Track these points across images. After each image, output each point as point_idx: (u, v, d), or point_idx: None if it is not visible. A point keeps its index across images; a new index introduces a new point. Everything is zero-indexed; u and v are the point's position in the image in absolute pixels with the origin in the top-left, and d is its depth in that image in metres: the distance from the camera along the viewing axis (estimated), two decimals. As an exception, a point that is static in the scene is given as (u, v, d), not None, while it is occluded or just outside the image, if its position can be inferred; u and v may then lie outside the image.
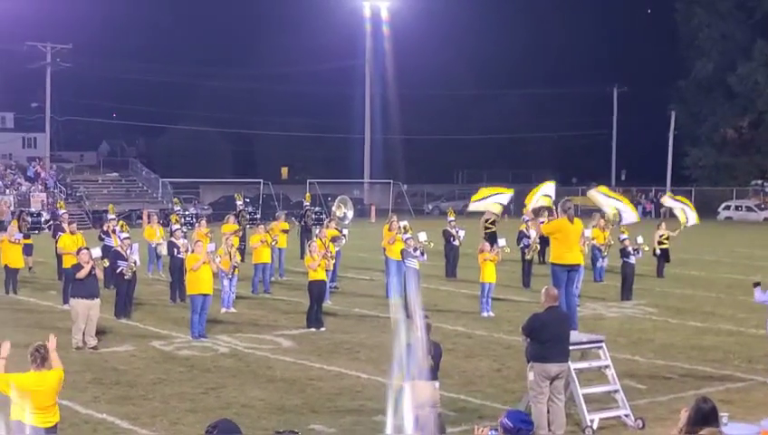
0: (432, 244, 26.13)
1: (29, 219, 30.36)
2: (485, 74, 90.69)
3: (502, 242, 25.98)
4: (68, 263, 22.59)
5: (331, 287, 25.63)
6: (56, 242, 27.35)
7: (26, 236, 29.06)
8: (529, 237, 28.49)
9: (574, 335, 14.17)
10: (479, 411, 14.62)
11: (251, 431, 13.24)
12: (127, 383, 16.55)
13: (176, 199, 41.57)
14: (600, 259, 30.37)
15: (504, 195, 21.14)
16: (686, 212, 24.28)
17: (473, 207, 20.75)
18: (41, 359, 10.68)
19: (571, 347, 13.50)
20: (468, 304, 25.36)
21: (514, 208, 39.94)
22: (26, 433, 10.45)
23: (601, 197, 22.18)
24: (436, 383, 12.65)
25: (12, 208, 53.15)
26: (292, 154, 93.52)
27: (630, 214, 19.12)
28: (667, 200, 25.87)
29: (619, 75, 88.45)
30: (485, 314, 23.66)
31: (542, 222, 23.53)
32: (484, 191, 22.24)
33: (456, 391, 15.68)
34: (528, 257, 28.45)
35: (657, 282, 30.76)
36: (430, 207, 76.32)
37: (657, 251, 31.79)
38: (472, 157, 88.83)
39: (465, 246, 31.32)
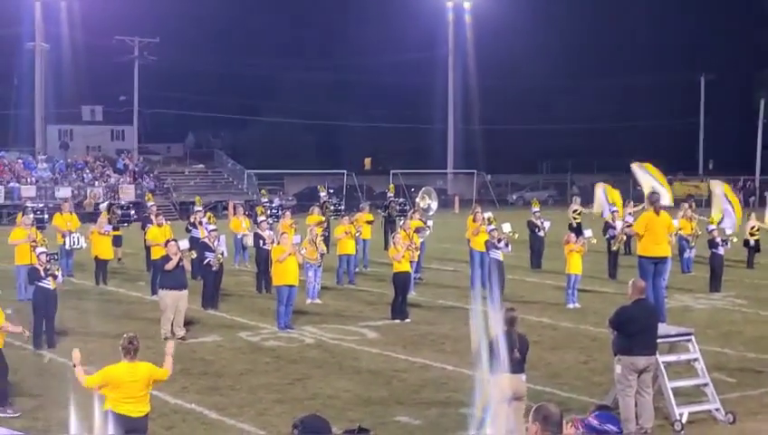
0: (517, 235, 25.95)
1: (119, 212, 30.76)
2: (570, 64, 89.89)
3: (588, 233, 25.71)
4: (156, 254, 22.94)
5: (415, 278, 25.64)
6: (145, 234, 27.78)
7: (116, 228, 29.55)
8: (615, 228, 28.18)
9: (662, 328, 13.98)
10: (565, 404, 14.47)
11: (337, 423, 13.27)
12: (214, 374, 16.75)
13: (263, 191, 41.86)
14: (688, 250, 29.94)
15: (662, 187, 21.01)
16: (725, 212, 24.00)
17: (636, 167, 20.60)
18: (133, 350, 10.87)
19: (659, 340, 13.33)
20: (554, 295, 25.17)
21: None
22: (118, 423, 10.65)
23: (641, 173, 21.97)
24: (523, 376, 12.58)
25: (101, 200, 54.13)
26: (376, 145, 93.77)
27: (665, 195, 18.95)
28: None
29: (706, 63, 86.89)
30: (571, 306, 23.46)
31: (629, 222, 23.25)
32: (654, 171, 22.09)
33: (542, 383, 15.56)
34: (614, 248, 28.12)
35: (747, 273, 30.21)
36: (514, 197, 75.87)
37: (752, 242, 31.23)
38: (556, 147, 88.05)
39: (550, 236, 31.07)
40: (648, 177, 20.19)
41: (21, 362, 17.20)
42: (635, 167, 20.24)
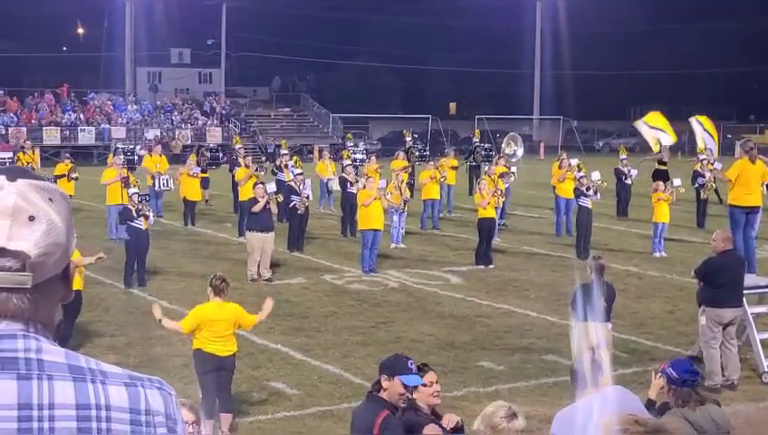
0: (605, 183, 25.68)
1: (208, 154, 31.12)
2: (658, 9, 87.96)
3: (677, 182, 25.34)
4: (244, 196, 23.20)
5: (500, 224, 25.58)
6: (233, 175, 28.10)
7: (203, 171, 29.92)
8: (704, 176, 27.72)
9: (752, 279, 13.81)
10: (650, 353, 14.43)
11: (420, 366, 13.41)
12: (300, 315, 16.97)
13: (348, 135, 41.97)
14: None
15: (668, 136, 20.78)
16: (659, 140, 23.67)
17: (638, 124, 20.39)
18: (223, 289, 11.04)
19: (749, 291, 13.17)
20: (640, 244, 24.92)
21: (688, 147, 38.90)
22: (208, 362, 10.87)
23: (644, 128, 21.73)
24: (609, 325, 12.54)
25: (189, 142, 54.82)
26: (461, 90, 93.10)
27: (668, 137, 18.97)
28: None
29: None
30: (658, 255, 23.22)
31: (716, 166, 22.89)
32: (657, 120, 21.82)
33: (627, 332, 15.50)
34: (704, 197, 27.68)
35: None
36: (601, 144, 74.91)
37: None
38: (644, 93, 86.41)
39: (637, 184, 30.69)
40: (651, 130, 20.12)
41: (113, 299, 17.65)
42: (638, 123, 20.11)
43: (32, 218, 1.84)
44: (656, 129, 22.44)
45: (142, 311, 16.72)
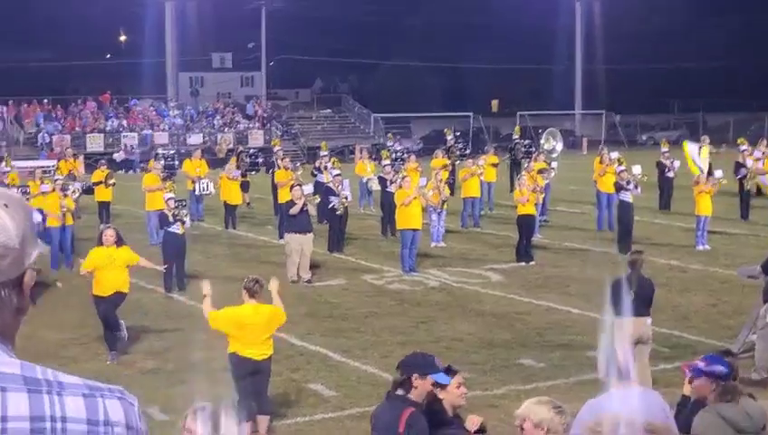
0: (646, 177, 25.40)
1: (247, 160, 31.17)
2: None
3: (718, 173, 25.03)
4: (283, 198, 23.22)
5: (540, 221, 25.42)
6: (272, 177, 28.15)
7: (244, 174, 29.97)
8: (746, 167, 27.37)
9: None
10: (693, 347, 14.24)
11: (460, 365, 13.26)
12: (339, 316, 16.95)
13: (389, 135, 41.93)
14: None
15: (704, 160, 21.08)
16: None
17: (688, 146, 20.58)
18: (254, 291, 11.01)
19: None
20: (683, 237, 24.63)
21: (733, 136, 38.46)
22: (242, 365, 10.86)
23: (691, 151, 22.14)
24: (648, 319, 12.38)
25: (231, 146, 55.04)
26: (503, 86, 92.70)
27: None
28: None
29: None
30: (701, 248, 22.94)
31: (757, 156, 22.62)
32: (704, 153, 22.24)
33: (669, 326, 15.32)
34: (747, 188, 27.33)
35: None
36: (644, 137, 74.24)
37: None
38: (688, 85, 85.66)
39: (680, 177, 30.34)
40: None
41: (152, 304, 17.73)
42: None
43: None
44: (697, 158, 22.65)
45: (182, 315, 16.82)
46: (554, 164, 28.63)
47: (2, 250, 1.82)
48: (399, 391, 6.87)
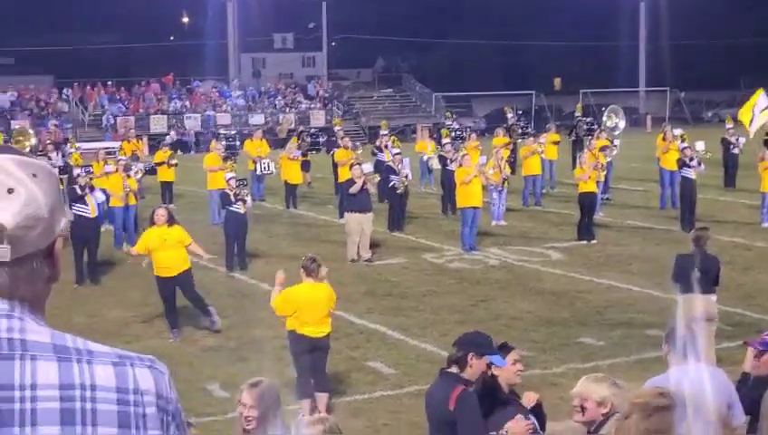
0: (709, 154, 25.04)
1: (308, 140, 31.25)
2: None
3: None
4: (343, 178, 23.27)
5: (602, 199, 25.21)
6: (332, 156, 28.23)
7: (304, 154, 30.07)
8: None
9: None
10: (757, 326, 14.01)
11: (519, 343, 13.24)
12: (399, 295, 16.96)
13: (447, 113, 41.81)
14: None
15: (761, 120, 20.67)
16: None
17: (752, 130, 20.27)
18: (311, 270, 11.04)
19: None
20: (748, 214, 24.28)
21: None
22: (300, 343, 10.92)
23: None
24: (713, 297, 12.23)
25: (293, 126, 55.24)
26: (565, 64, 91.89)
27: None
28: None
29: None
30: (766, 225, 22.60)
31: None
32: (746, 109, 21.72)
33: (732, 304, 15.11)
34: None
35: None
36: (710, 114, 73.20)
37: None
38: (754, 61, 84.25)
39: (745, 154, 29.86)
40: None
41: (214, 283, 17.87)
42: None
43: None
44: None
45: (243, 294, 16.96)
46: (616, 142, 28.38)
47: (32, 221, 1.82)
48: (453, 369, 6.87)
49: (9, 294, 1.82)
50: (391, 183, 23.09)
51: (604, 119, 31.81)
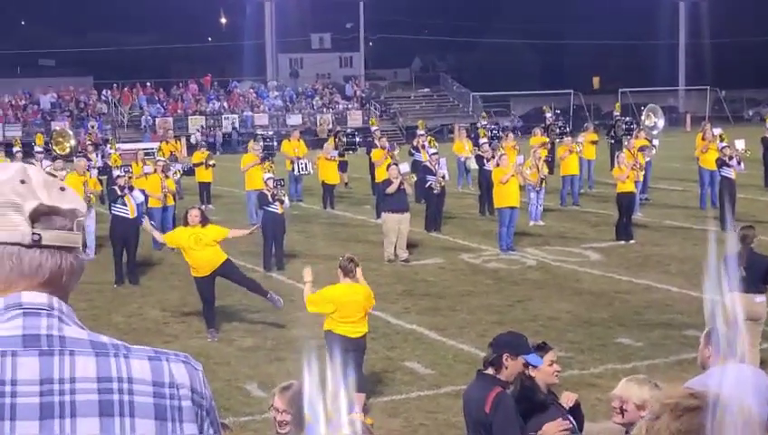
0: (749, 152, 24.81)
1: (344, 140, 31.30)
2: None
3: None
4: (380, 178, 23.28)
5: (641, 198, 25.06)
6: (370, 157, 28.25)
7: (341, 154, 30.10)
8: None
9: None
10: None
11: (557, 344, 13.18)
12: (436, 295, 16.94)
13: (483, 113, 41.71)
14: None
15: None
16: None
17: None
18: (349, 270, 11.07)
19: None
20: (789, 214, 24.04)
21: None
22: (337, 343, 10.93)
23: None
24: (758, 298, 12.09)
25: (330, 126, 55.35)
26: (604, 63, 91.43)
27: None
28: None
29: None
30: (808, 225, 22.33)
31: None
32: None
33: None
34: None
35: None
36: (750, 113, 72.51)
37: None
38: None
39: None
40: None
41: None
42: None
43: (62, 189, 1.93)
44: None
45: (280, 294, 16.98)
46: (656, 141, 28.20)
47: (79, 214, 1.93)
48: (489, 370, 6.85)
49: (58, 286, 1.90)
50: (428, 183, 23.07)
51: (643, 118, 31.65)
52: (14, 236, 1.85)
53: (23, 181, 1.88)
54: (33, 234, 1.85)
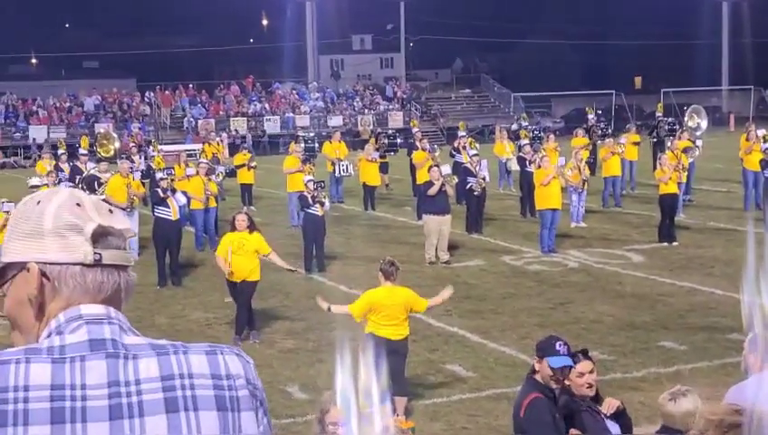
0: (794, 153, 24.56)
1: (385, 141, 31.34)
2: None
3: None
4: (421, 179, 23.27)
5: (684, 200, 24.87)
6: (411, 159, 28.26)
7: (382, 156, 30.13)
8: None
9: None
10: None
11: (599, 347, 13.19)
12: (477, 297, 16.91)
13: (523, 115, 41.60)
14: None
15: None
16: None
17: None
18: (393, 273, 11.09)
19: None
20: (835, 216, 23.73)
21: None
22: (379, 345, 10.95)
23: None
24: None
25: (371, 128, 55.41)
26: (647, 63, 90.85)
27: None
28: None
29: None
30: None
31: None
32: None
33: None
34: None
35: None
36: (795, 113, 71.73)
37: None
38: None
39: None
40: None
41: (292, 285, 18.00)
42: None
43: (111, 211, 2.03)
44: None
45: (323, 295, 17.02)
46: (699, 142, 27.97)
47: (128, 233, 2.04)
48: (535, 375, 6.86)
49: (118, 301, 2.01)
50: (469, 185, 23.04)
51: (686, 119, 31.40)
52: (76, 256, 1.95)
53: (78, 204, 1.99)
54: (95, 253, 1.95)
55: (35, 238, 1.96)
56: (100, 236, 1.97)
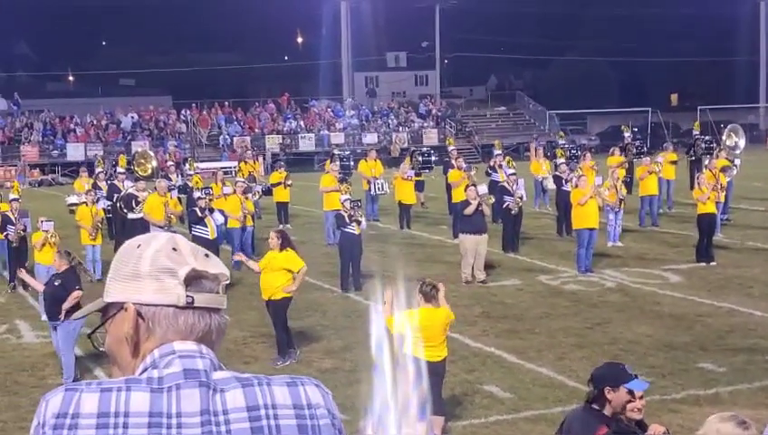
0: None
1: (420, 159, 31.38)
2: None
3: None
4: (457, 198, 23.27)
5: (722, 219, 24.70)
6: (446, 177, 28.25)
7: (417, 174, 30.15)
8: None
9: None
10: None
11: (637, 368, 13.03)
12: (514, 317, 16.86)
13: (560, 133, 41.49)
14: None
15: None
16: None
17: None
18: (431, 296, 11.09)
19: None
20: None
21: None
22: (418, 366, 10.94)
23: None
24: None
25: (405, 145, 55.48)
26: (683, 80, 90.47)
27: None
28: None
29: None
30: None
31: None
32: None
33: None
34: None
35: None
36: (834, 130, 71.13)
37: None
38: None
39: None
40: None
41: (329, 303, 18.04)
42: None
43: (207, 256, 2.15)
44: None
45: (358, 314, 17.05)
46: (737, 161, 27.79)
47: (223, 278, 2.14)
48: (595, 405, 6.70)
49: (200, 340, 2.09)
50: (506, 204, 23.02)
51: (723, 138, 31.20)
52: (169, 298, 2.06)
53: (174, 249, 2.09)
54: (187, 296, 2.06)
55: (133, 280, 2.07)
56: (194, 280, 2.08)
